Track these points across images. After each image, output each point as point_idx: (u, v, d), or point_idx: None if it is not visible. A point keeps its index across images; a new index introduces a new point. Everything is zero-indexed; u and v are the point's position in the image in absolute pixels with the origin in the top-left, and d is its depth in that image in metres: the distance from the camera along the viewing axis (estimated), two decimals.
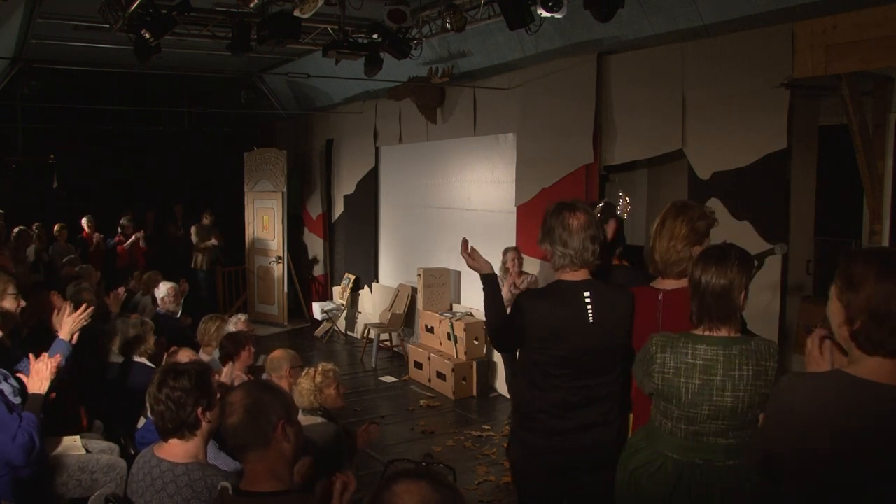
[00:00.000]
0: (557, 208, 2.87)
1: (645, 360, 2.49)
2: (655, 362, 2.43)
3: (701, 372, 2.36)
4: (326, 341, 9.83)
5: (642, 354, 2.53)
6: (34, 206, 10.85)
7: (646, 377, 2.50)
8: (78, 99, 10.44)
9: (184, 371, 2.55)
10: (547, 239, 2.86)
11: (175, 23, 5.83)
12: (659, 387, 2.43)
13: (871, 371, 1.81)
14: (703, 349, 2.38)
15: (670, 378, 2.39)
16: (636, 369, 2.60)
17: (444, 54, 7.68)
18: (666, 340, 2.45)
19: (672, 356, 2.40)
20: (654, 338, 2.49)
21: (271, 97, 11.54)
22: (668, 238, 2.84)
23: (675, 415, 2.41)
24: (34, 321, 4.34)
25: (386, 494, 1.44)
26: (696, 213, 2.90)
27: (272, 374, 4.10)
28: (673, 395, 2.39)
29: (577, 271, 2.84)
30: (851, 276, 1.82)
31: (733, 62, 5.14)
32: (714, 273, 2.38)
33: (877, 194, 4.78)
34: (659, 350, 2.43)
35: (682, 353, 2.39)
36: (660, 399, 2.47)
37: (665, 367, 2.40)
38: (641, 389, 2.61)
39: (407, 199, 9.10)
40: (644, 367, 2.50)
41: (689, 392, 2.37)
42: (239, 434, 2.13)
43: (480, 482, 5.20)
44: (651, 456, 2.50)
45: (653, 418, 2.54)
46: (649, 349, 2.47)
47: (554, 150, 6.55)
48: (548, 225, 2.86)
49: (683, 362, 2.38)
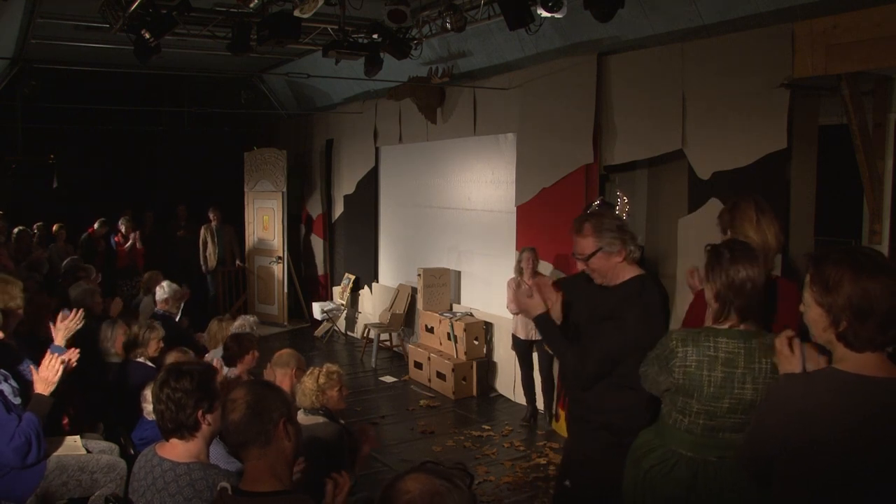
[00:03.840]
0: (598, 215, 2.97)
1: (663, 356, 2.47)
2: (676, 356, 2.41)
3: (723, 364, 2.37)
4: (326, 341, 9.83)
5: (658, 351, 2.51)
6: (34, 206, 10.84)
7: (661, 374, 2.48)
8: (78, 99, 10.43)
9: (186, 372, 2.55)
10: (617, 239, 2.84)
11: (175, 23, 5.84)
12: (679, 381, 2.41)
13: (861, 366, 1.84)
14: (724, 342, 2.39)
15: (692, 371, 2.39)
16: (647, 368, 2.58)
17: (444, 54, 7.68)
18: (687, 334, 2.45)
19: (694, 349, 2.39)
20: (673, 333, 2.49)
21: (271, 97, 11.55)
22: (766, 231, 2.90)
23: (695, 409, 2.41)
24: (27, 329, 4.33)
25: (397, 483, 1.51)
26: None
27: (277, 368, 4.11)
28: (695, 388, 2.39)
29: (634, 264, 2.90)
30: (827, 279, 1.84)
31: (733, 62, 5.14)
32: (746, 266, 2.40)
33: (877, 194, 4.78)
34: (680, 344, 2.42)
35: (705, 346, 2.39)
36: (678, 395, 2.45)
37: (687, 361, 2.39)
38: (655, 390, 2.58)
39: (407, 199, 9.10)
40: (661, 364, 2.48)
41: (712, 385, 2.37)
42: (241, 430, 2.14)
43: (480, 482, 5.20)
44: (664, 454, 2.50)
45: (665, 416, 2.54)
46: (668, 345, 2.46)
47: (554, 150, 6.55)
48: (609, 226, 2.86)
49: (706, 355, 2.38)
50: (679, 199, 6.12)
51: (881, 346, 1.83)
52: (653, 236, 7.07)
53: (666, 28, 5.63)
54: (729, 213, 2.99)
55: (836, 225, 5.61)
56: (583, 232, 2.88)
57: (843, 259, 1.84)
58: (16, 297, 3.75)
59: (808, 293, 1.91)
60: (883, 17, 4.18)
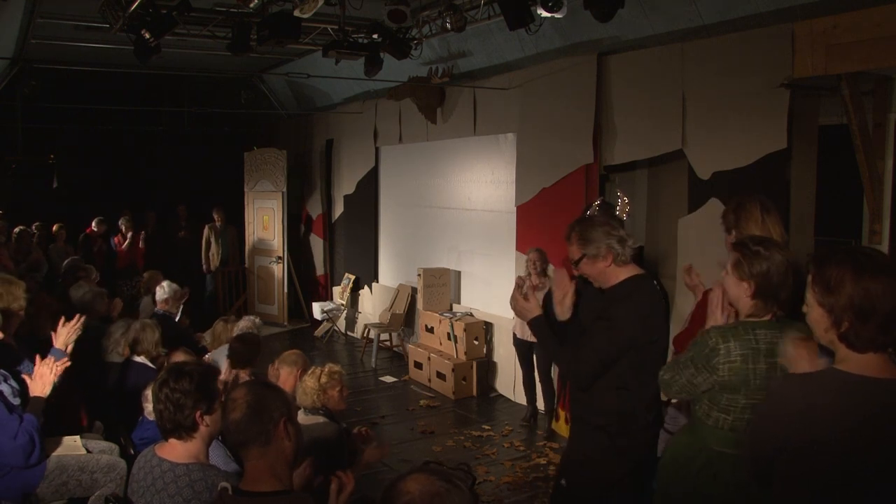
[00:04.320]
0: (587, 221, 2.97)
1: (701, 357, 2.41)
2: (719, 354, 2.37)
3: (765, 355, 2.36)
4: (326, 341, 9.83)
5: (694, 353, 2.44)
6: (34, 206, 10.84)
7: (700, 374, 2.42)
8: (78, 99, 10.43)
9: (186, 373, 2.54)
10: (602, 245, 2.85)
11: (175, 23, 5.84)
12: (724, 378, 2.37)
13: (863, 367, 1.83)
14: (763, 333, 2.38)
15: (738, 366, 2.36)
16: (676, 373, 2.50)
17: (444, 54, 7.68)
18: (726, 331, 2.42)
19: (737, 344, 2.37)
20: (710, 332, 2.44)
21: (271, 97, 11.55)
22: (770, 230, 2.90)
23: (741, 404, 2.38)
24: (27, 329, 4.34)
25: (398, 484, 1.53)
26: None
27: (284, 366, 4.11)
28: (741, 383, 2.37)
29: (628, 265, 2.91)
30: (828, 280, 1.84)
31: (733, 62, 5.14)
32: (781, 254, 2.40)
33: (877, 194, 4.78)
34: (721, 340, 2.38)
35: (746, 339, 2.37)
36: (722, 393, 2.41)
37: (731, 356, 2.36)
38: (687, 393, 2.51)
39: (407, 199, 9.10)
40: (699, 364, 2.42)
41: (757, 377, 2.35)
42: (241, 430, 2.14)
43: (480, 482, 5.20)
44: (709, 458, 2.46)
45: (703, 418, 2.48)
46: (707, 343, 2.40)
47: (554, 150, 6.55)
48: (597, 233, 2.87)
49: (749, 348, 2.36)
50: (679, 199, 6.12)
51: (882, 346, 1.83)
52: (653, 236, 7.07)
53: (666, 28, 5.63)
54: (734, 213, 2.98)
55: (836, 225, 5.61)
56: (570, 239, 2.94)
57: (844, 259, 1.84)
58: (19, 297, 3.76)
59: (810, 294, 1.91)
60: (883, 17, 4.18)
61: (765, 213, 2.93)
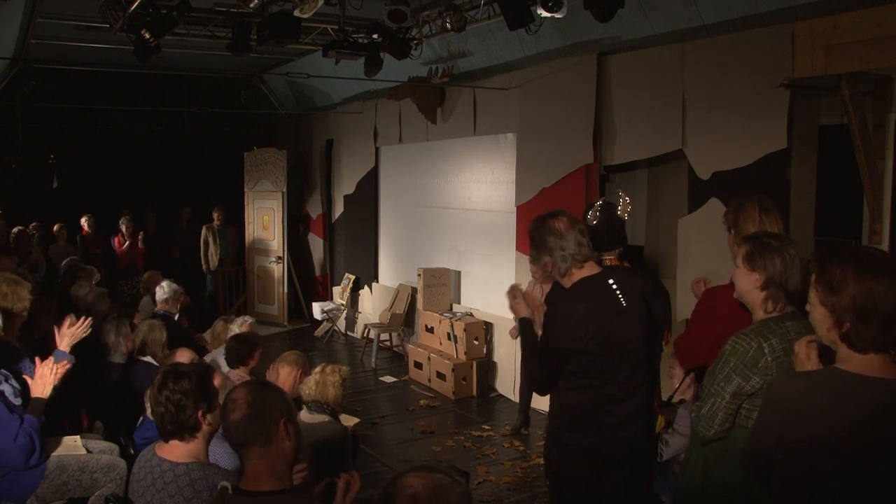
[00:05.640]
0: (539, 222, 2.97)
1: (748, 361, 2.34)
2: (764, 353, 2.32)
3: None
4: (326, 341, 9.83)
5: (736, 361, 2.35)
6: (34, 206, 10.84)
7: (750, 380, 2.33)
8: (78, 99, 10.43)
9: (184, 373, 2.55)
10: (544, 251, 2.91)
11: (175, 23, 5.84)
12: (773, 375, 2.31)
13: (863, 367, 1.84)
14: (791, 325, 2.37)
15: (783, 360, 2.32)
16: (723, 391, 2.37)
17: (444, 54, 7.68)
18: (757, 331, 2.37)
19: (776, 340, 2.34)
20: (742, 336, 2.37)
21: (271, 97, 11.55)
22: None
23: None
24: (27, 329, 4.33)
25: (399, 479, 1.56)
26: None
27: (284, 365, 4.12)
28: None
29: (584, 267, 2.90)
30: (831, 279, 1.85)
31: (733, 62, 5.14)
32: (794, 249, 2.39)
33: (877, 194, 4.78)
34: (762, 340, 2.34)
35: (780, 334, 2.35)
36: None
37: (775, 353, 2.33)
38: (732, 415, 2.39)
39: (407, 199, 9.10)
40: (746, 370, 2.33)
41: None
42: (242, 430, 2.14)
43: (480, 482, 5.20)
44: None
45: (742, 424, 2.39)
46: (749, 348, 2.34)
47: (554, 150, 6.55)
48: (538, 239, 2.93)
49: (787, 341, 2.33)
50: (679, 199, 6.13)
51: (884, 346, 1.83)
52: (653, 236, 7.08)
53: (666, 28, 5.63)
54: (733, 213, 3.01)
55: (836, 225, 5.60)
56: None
57: (847, 259, 1.84)
58: (23, 298, 3.78)
59: (813, 293, 1.91)
60: (883, 17, 4.18)
61: (763, 213, 2.93)
